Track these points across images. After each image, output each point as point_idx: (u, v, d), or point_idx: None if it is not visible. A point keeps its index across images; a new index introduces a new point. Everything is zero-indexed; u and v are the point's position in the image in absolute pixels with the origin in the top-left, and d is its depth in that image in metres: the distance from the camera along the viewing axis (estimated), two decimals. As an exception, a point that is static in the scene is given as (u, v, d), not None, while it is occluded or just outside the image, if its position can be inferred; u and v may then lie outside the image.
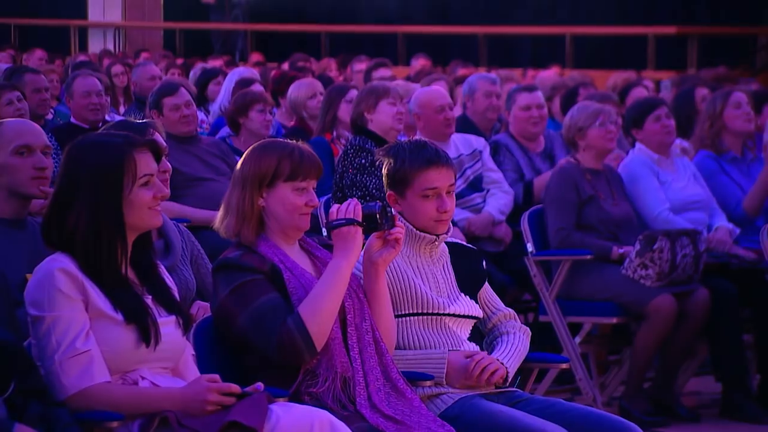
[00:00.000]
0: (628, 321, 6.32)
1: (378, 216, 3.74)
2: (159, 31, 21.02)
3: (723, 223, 6.60)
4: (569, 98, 8.73)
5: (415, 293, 3.94)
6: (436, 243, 4.00)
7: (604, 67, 15.77)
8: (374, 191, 6.46)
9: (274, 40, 20.33)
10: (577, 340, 6.37)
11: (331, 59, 16.42)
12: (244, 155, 3.76)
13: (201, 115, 9.22)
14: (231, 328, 3.67)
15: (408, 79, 11.19)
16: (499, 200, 7.02)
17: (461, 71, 13.35)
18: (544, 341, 7.00)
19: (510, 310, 4.15)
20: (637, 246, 6.17)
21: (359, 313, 3.75)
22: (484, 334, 4.11)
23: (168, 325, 3.44)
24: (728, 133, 6.85)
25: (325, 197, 7.06)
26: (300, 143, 3.78)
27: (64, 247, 3.37)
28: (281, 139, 3.82)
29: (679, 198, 6.57)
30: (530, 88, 7.56)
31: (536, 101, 7.40)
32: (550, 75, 11.34)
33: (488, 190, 7.07)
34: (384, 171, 3.98)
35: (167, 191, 3.44)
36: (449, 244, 4.10)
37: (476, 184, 7.05)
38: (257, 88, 8.26)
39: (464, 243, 4.19)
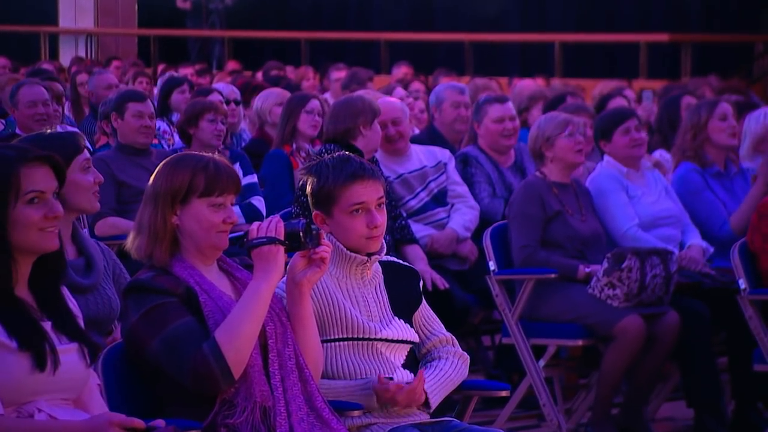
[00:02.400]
0: (595, 343, 6.21)
1: (301, 234, 3.64)
2: (133, 38, 20.93)
3: (696, 240, 6.50)
4: (552, 108, 8.58)
5: (345, 317, 3.84)
6: (368, 263, 3.90)
7: (595, 76, 15.67)
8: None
9: (253, 47, 20.24)
10: (542, 363, 6.25)
11: (309, 67, 16.33)
12: (155, 170, 3.65)
13: (164, 126, 9.11)
14: (142, 355, 3.55)
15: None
16: (464, 215, 6.90)
17: (444, 80, 13.25)
18: (510, 364, 6.90)
19: (448, 334, 4.05)
20: (605, 264, 6.07)
21: (281, 338, 3.64)
22: (419, 359, 4.00)
23: (69, 353, 3.31)
24: (711, 146, 6.76)
25: (284, 211, 6.94)
26: (216, 156, 3.68)
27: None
28: (196, 153, 3.72)
29: (650, 213, 6.47)
30: (501, 99, 7.43)
31: (509, 113, 7.28)
32: (529, 84, 11.24)
33: (453, 205, 6.95)
34: (308, 190, 3.89)
35: (61, 211, 3.28)
36: (383, 264, 4.00)
37: (440, 198, 6.93)
38: (214, 97, 8.15)
39: (399, 261, 4.09)
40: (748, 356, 6.09)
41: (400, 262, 4.09)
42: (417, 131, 8.78)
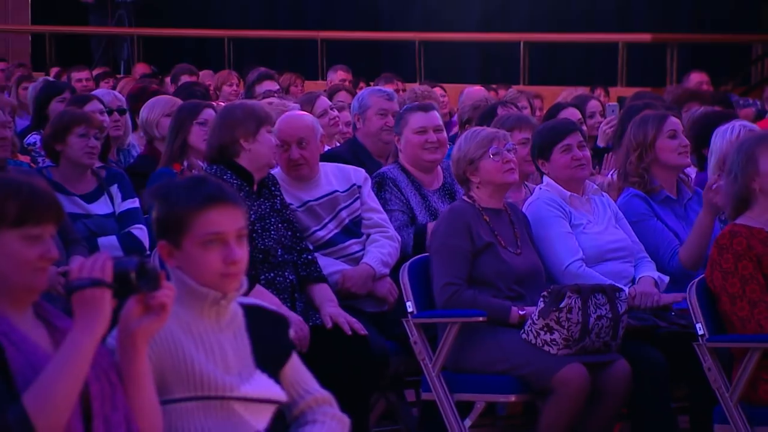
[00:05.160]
0: (531, 398, 6.17)
1: (134, 275, 3.50)
2: (26, 36, 20.83)
3: (648, 272, 6.47)
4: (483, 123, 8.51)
5: (194, 370, 3.71)
6: (224, 302, 3.79)
7: (567, 83, 15.67)
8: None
9: (168, 47, 20.17)
10: (468, 423, 6.20)
11: (233, 72, 16.24)
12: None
13: (39, 140, 8.97)
14: (-67, 423, 3.43)
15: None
16: (382, 249, 6.80)
17: (385, 87, 13.20)
18: (438, 424, 6.81)
19: (325, 393, 3.97)
20: (541, 304, 6.04)
21: (109, 401, 3.52)
22: (289, 423, 3.91)
23: None
24: (660, 167, 6.71)
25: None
26: (33, 178, 3.55)
27: None
28: (7, 175, 3.59)
29: (596, 245, 6.45)
30: (425, 107, 7.36)
31: (433, 123, 7.20)
32: (477, 92, 11.21)
33: (369, 236, 6.85)
34: (153, 216, 3.78)
35: None
36: (247, 308, 3.89)
37: (352, 229, 6.82)
38: (94, 106, 8.04)
39: (266, 305, 3.97)
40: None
41: (267, 306, 3.99)
42: (337, 145, 8.71)
